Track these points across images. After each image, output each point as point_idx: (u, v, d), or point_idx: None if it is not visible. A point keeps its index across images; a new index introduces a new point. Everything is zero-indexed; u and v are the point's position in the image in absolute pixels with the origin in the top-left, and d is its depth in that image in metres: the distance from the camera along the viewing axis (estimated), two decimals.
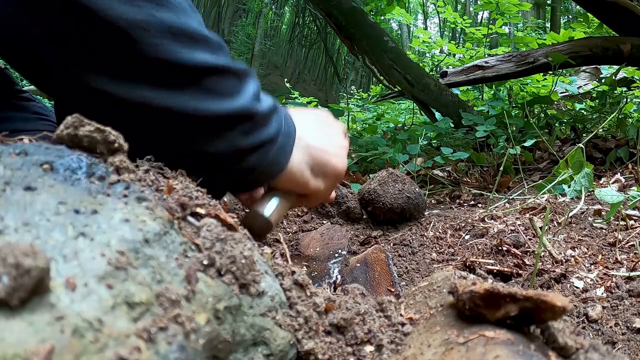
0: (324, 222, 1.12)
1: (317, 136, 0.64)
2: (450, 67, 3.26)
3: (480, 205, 1.49)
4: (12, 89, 0.90)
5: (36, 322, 0.24)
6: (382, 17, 5.42)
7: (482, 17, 12.95)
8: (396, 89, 2.91)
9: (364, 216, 1.19)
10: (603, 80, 2.66)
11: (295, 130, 0.59)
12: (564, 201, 1.19)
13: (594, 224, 1.07)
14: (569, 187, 1.11)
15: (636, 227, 1.00)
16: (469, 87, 3.79)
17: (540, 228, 0.89)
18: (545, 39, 3.69)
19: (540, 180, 1.40)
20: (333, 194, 0.83)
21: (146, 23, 0.43)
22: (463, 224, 1.12)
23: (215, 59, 0.49)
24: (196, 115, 0.48)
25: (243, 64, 0.54)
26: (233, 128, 0.51)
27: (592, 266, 0.87)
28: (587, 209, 1.16)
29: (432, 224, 1.16)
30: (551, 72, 2.57)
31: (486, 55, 3.73)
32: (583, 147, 1.10)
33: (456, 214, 1.28)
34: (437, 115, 2.62)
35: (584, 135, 2.28)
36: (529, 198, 1.23)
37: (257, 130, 0.53)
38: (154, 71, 0.45)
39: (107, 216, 0.32)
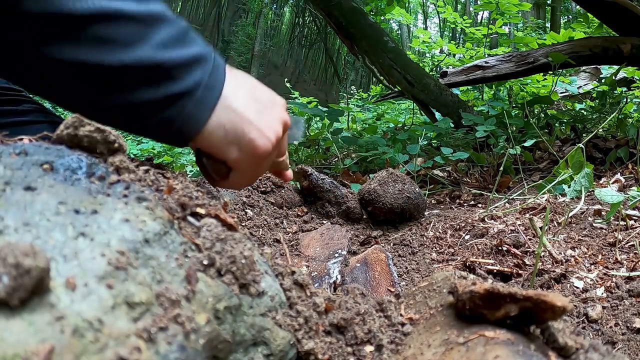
0: (324, 222, 1.12)
1: (246, 101, 0.56)
2: (450, 67, 3.26)
3: (480, 205, 1.49)
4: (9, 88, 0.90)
5: (36, 322, 0.24)
6: (382, 17, 5.41)
7: (482, 17, 12.95)
8: (396, 89, 2.91)
9: (364, 216, 1.18)
10: (603, 80, 2.66)
11: (224, 85, 0.55)
12: (564, 201, 1.19)
13: (594, 224, 1.07)
14: (569, 187, 1.11)
15: (636, 227, 1.00)
16: (469, 87, 3.79)
17: (540, 228, 0.89)
18: (545, 39, 3.69)
19: (540, 180, 1.40)
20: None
21: None
22: (463, 224, 1.12)
23: (107, 3, 0.46)
24: (87, 67, 0.47)
25: (160, 6, 0.50)
26: (135, 80, 0.49)
27: (592, 266, 0.87)
28: (587, 209, 1.16)
29: (432, 224, 1.16)
30: (551, 72, 2.57)
31: (486, 55, 3.73)
32: (583, 147, 1.10)
33: (456, 214, 1.28)
34: (437, 115, 2.62)
35: (584, 135, 2.28)
36: (529, 198, 1.23)
37: (167, 82, 0.50)
38: (40, 25, 0.45)
39: (107, 216, 0.32)
